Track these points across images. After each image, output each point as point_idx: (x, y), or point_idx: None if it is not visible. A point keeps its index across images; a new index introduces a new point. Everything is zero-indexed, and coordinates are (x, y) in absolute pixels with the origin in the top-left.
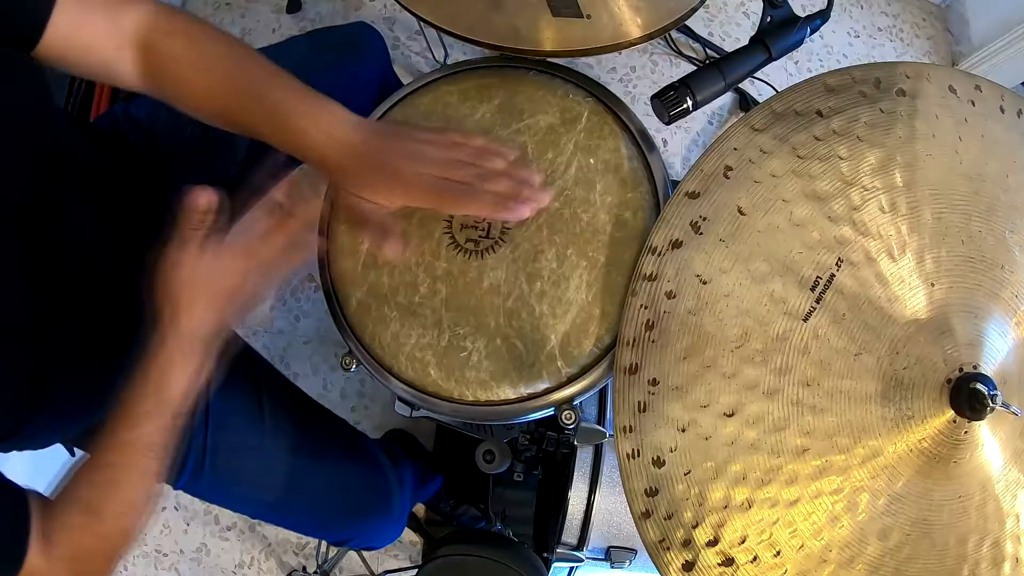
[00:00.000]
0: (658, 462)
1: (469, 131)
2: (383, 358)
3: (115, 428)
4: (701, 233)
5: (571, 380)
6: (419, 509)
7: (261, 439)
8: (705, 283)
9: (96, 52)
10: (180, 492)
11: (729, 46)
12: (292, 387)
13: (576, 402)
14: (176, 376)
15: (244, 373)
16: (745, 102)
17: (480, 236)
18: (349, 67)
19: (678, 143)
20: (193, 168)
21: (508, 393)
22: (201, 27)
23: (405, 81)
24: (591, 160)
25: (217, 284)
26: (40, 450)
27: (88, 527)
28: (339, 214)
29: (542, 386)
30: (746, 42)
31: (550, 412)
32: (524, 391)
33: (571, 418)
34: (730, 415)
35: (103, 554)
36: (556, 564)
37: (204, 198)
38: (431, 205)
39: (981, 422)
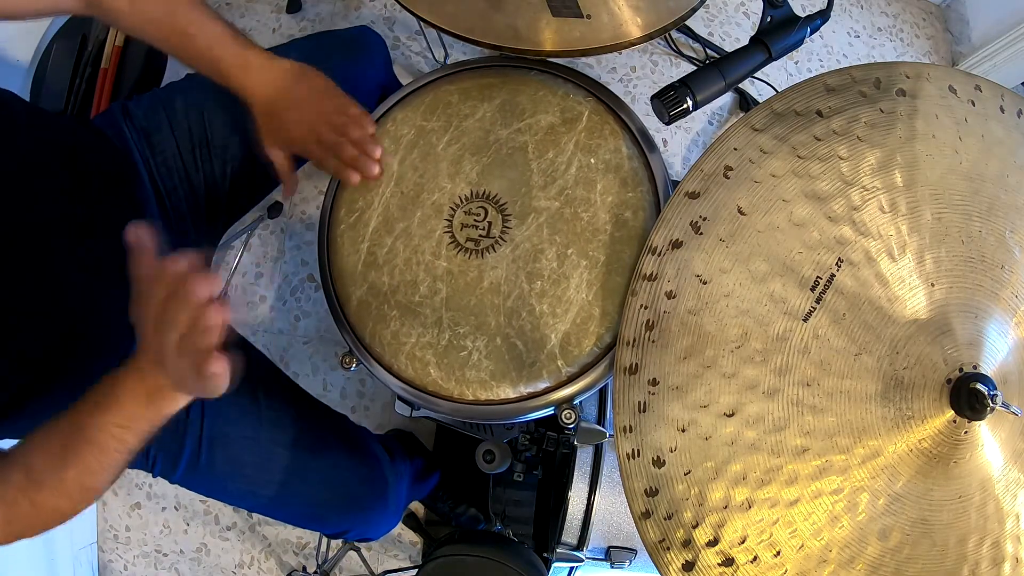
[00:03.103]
0: (658, 462)
1: (353, 103)
2: (383, 357)
3: (76, 414)
4: (701, 233)
5: (571, 379)
6: (419, 509)
7: (257, 431)
8: (705, 283)
9: None
10: (180, 492)
11: (729, 46)
12: (288, 381)
13: (576, 401)
14: (138, 392)
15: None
16: (745, 102)
17: (480, 235)
18: (350, 70)
19: (678, 143)
20: (186, 168)
21: (508, 392)
22: None
23: (405, 81)
24: (592, 160)
25: (154, 337)
26: None
27: (26, 491)
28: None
29: (542, 385)
30: (746, 42)
31: (550, 411)
32: (524, 390)
33: (571, 417)
34: (730, 415)
35: (34, 522)
36: (556, 564)
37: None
38: (302, 154)
39: (981, 422)
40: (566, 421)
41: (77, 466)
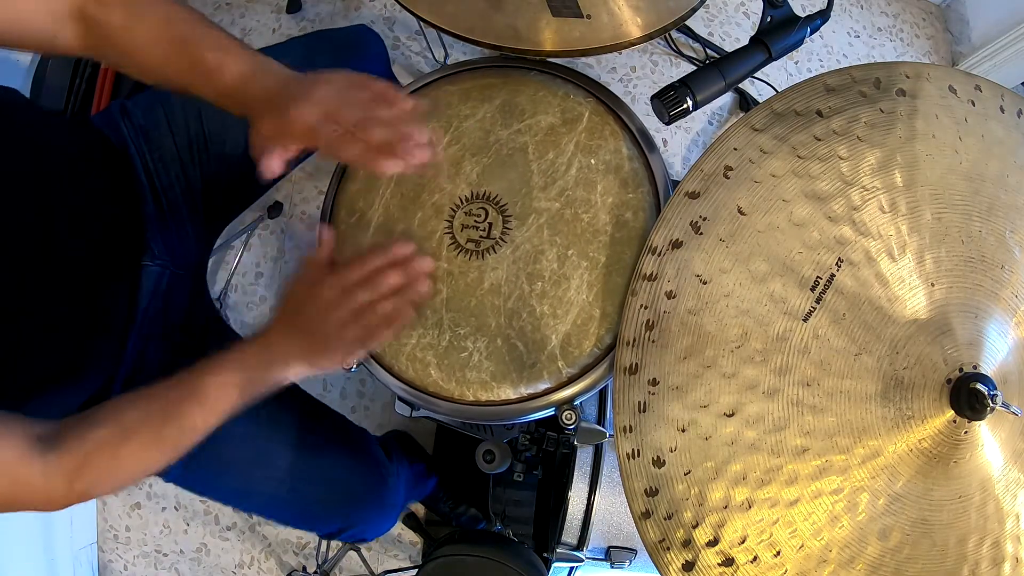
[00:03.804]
0: (658, 462)
1: (373, 78)
2: (383, 358)
3: (185, 375)
4: (701, 233)
5: (572, 380)
6: (419, 509)
7: (254, 429)
8: (705, 283)
9: (34, 28)
10: (180, 492)
11: (729, 46)
12: None
13: (577, 402)
14: (249, 362)
15: None
16: (745, 102)
17: (481, 236)
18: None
19: (678, 143)
20: (184, 167)
21: (509, 393)
22: None
23: (405, 81)
24: (592, 160)
25: (320, 299)
26: None
27: (112, 443)
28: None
29: (543, 386)
30: (746, 42)
31: (550, 412)
32: (525, 391)
33: (571, 418)
34: (730, 415)
35: (109, 477)
36: (556, 564)
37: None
38: (309, 144)
39: (981, 422)
40: (567, 422)
41: (178, 422)
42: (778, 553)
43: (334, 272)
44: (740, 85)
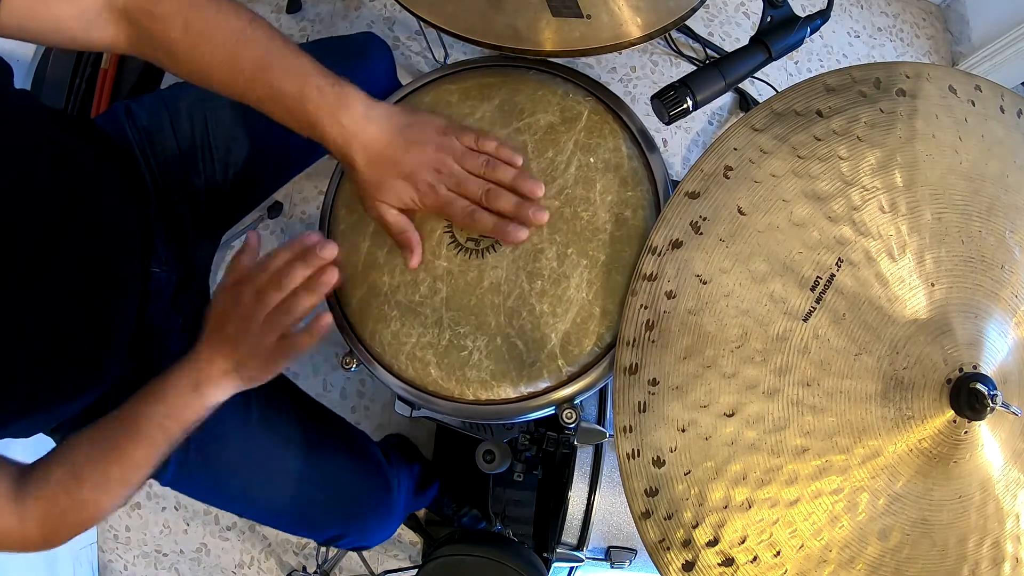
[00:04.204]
0: (658, 462)
1: (482, 131)
2: (383, 357)
3: (122, 411)
4: (701, 233)
5: (572, 379)
6: (419, 510)
7: (252, 432)
8: (705, 283)
9: (63, 29)
10: (180, 492)
11: (729, 46)
12: (287, 382)
13: (577, 401)
14: (183, 385)
15: None
16: (745, 102)
17: (481, 235)
18: (357, 78)
19: (678, 143)
20: (188, 169)
21: (509, 392)
22: (197, 6)
23: (405, 81)
24: (591, 159)
25: (239, 309)
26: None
27: (68, 487)
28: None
29: (543, 385)
30: (746, 42)
31: (551, 411)
32: (525, 390)
33: (572, 417)
34: (730, 415)
35: (73, 520)
36: (556, 564)
37: (253, 243)
38: (438, 214)
39: (981, 422)
40: (567, 421)
41: (122, 461)
42: (778, 553)
43: (245, 278)
44: (740, 85)
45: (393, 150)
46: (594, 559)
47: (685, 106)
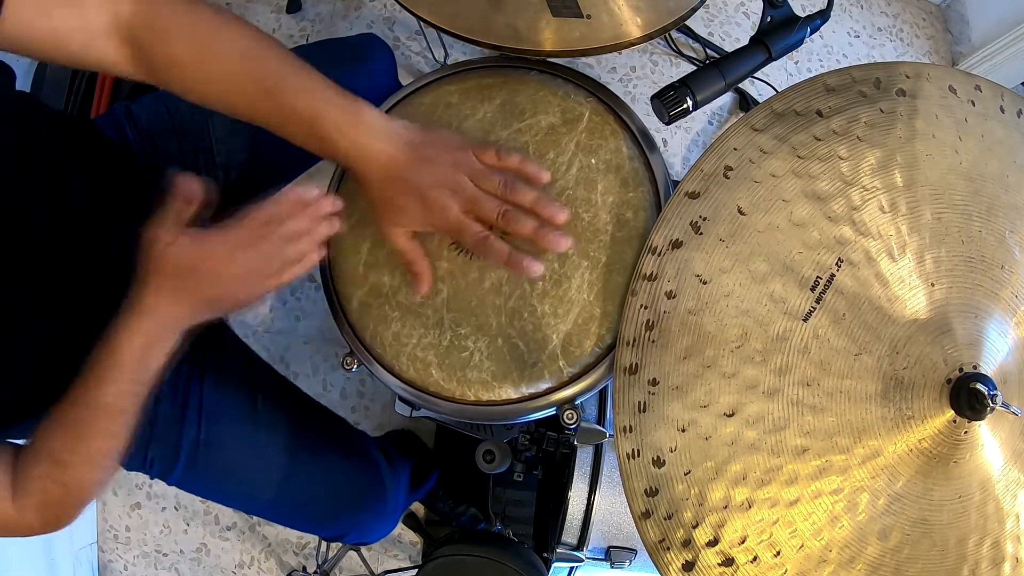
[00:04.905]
0: (658, 462)
1: (504, 148)
2: (384, 358)
3: (81, 388)
4: (701, 233)
5: (573, 380)
6: (419, 509)
7: (255, 433)
8: (705, 283)
9: (63, 45)
10: (180, 492)
11: (729, 46)
12: (287, 383)
13: (578, 401)
14: (135, 346)
15: (239, 367)
16: (745, 102)
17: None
18: (358, 80)
19: (678, 143)
20: (188, 171)
21: (510, 393)
22: (202, 22)
23: (405, 81)
24: (592, 160)
25: (190, 269)
26: None
27: (54, 476)
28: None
29: (544, 386)
30: (746, 42)
31: (552, 412)
32: (526, 391)
33: (573, 418)
34: (730, 415)
35: (68, 502)
36: (556, 564)
37: (189, 186)
38: (452, 238)
39: (981, 422)
40: (568, 421)
41: (97, 435)
42: (778, 553)
43: (217, 230)
44: (740, 85)
45: (406, 168)
46: (594, 559)
47: (685, 106)
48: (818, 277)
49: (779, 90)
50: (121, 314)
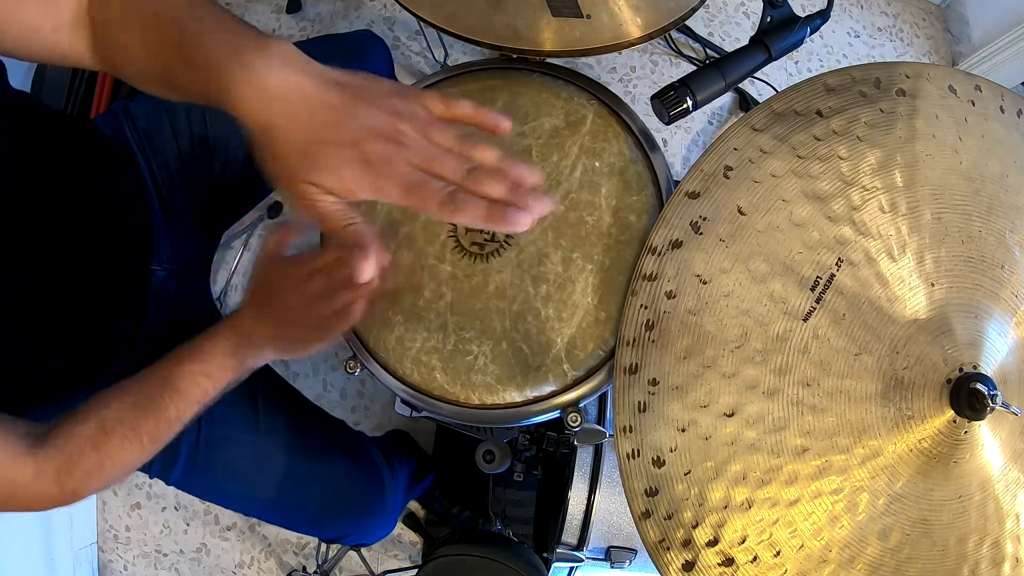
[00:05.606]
0: (658, 462)
1: (451, 95)
2: (388, 362)
3: (160, 366)
4: (701, 233)
5: (576, 383)
6: (419, 509)
7: (255, 435)
8: (705, 283)
9: (36, 38)
10: (180, 492)
11: (729, 46)
12: (288, 386)
13: (582, 405)
14: (222, 346)
15: None
16: (745, 102)
17: (485, 239)
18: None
19: (678, 143)
20: (187, 169)
21: (514, 396)
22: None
23: (405, 82)
24: (596, 163)
25: (276, 302)
26: None
27: (94, 441)
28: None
29: (548, 389)
30: (746, 42)
31: (555, 415)
32: (530, 394)
33: (577, 420)
34: (730, 415)
35: (96, 475)
36: (556, 564)
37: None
38: (406, 204)
39: (981, 422)
40: (572, 424)
41: (156, 415)
42: (778, 553)
43: (297, 260)
44: (740, 85)
45: (333, 112)
46: (594, 559)
47: (685, 106)
48: (818, 277)
49: (779, 90)
50: (228, 317)
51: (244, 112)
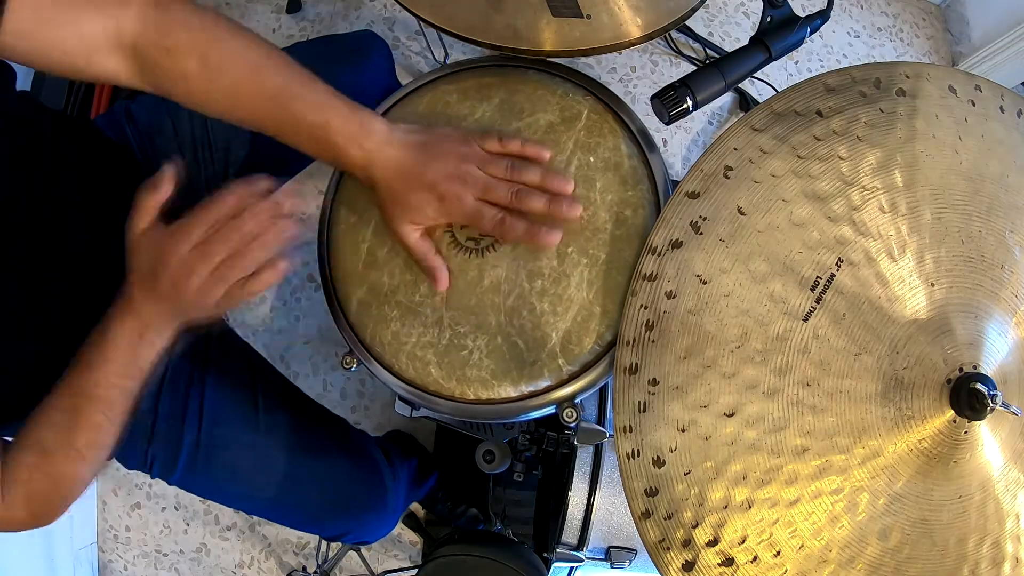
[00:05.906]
0: (658, 462)
1: (504, 133)
2: (384, 357)
3: (72, 377)
4: (701, 233)
5: (572, 378)
6: (419, 509)
7: (255, 434)
8: (705, 283)
9: (66, 58)
10: (180, 492)
11: (729, 46)
12: (288, 384)
13: (578, 400)
14: (124, 339)
15: (240, 369)
16: (745, 102)
17: (481, 234)
18: (356, 76)
19: (678, 143)
20: (188, 170)
21: (509, 391)
22: (211, 38)
23: (404, 81)
24: (591, 158)
25: (159, 263)
26: None
27: (41, 467)
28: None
29: (543, 384)
30: (746, 42)
31: (551, 410)
32: (525, 389)
33: (572, 416)
34: (730, 415)
35: (55, 496)
36: (556, 564)
37: (158, 175)
38: (469, 225)
39: (981, 422)
40: (567, 420)
41: (86, 428)
42: (778, 553)
43: (176, 227)
44: (740, 85)
45: (415, 165)
46: (594, 559)
47: (685, 106)
48: (818, 277)
49: (779, 90)
50: (113, 306)
51: (352, 170)
